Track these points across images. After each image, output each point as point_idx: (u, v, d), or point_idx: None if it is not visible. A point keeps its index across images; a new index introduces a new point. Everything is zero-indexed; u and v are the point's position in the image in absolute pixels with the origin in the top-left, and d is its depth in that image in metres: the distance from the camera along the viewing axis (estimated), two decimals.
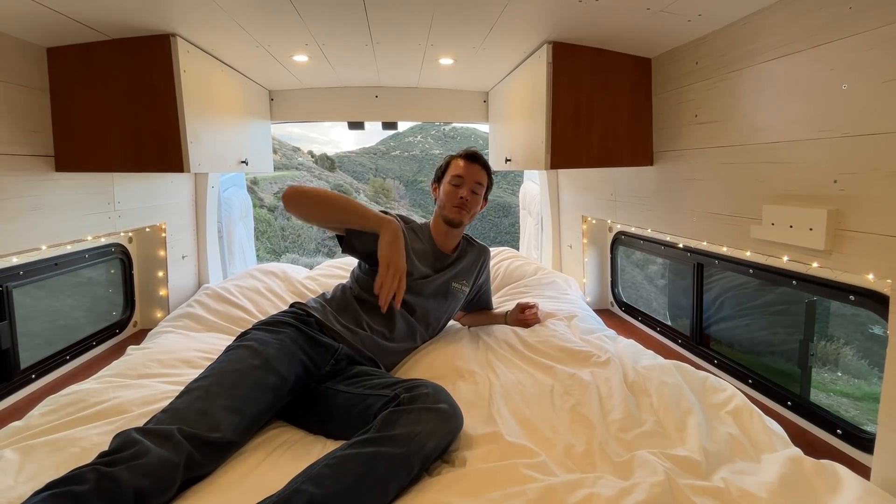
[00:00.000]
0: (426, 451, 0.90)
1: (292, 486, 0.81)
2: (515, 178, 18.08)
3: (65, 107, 1.35)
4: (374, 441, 0.88)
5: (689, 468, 0.90)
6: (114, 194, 1.61)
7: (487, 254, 1.66)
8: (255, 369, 1.06)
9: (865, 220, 0.89)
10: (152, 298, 1.92)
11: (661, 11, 1.16)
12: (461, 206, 1.47)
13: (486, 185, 1.54)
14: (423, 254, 1.48)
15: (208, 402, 0.96)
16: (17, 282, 1.37)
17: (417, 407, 0.95)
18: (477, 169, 1.51)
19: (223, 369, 1.06)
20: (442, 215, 1.52)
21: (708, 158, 1.31)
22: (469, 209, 1.49)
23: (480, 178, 1.51)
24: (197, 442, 0.88)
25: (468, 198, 1.47)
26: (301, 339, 1.19)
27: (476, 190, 1.50)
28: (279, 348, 1.13)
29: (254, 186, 16.39)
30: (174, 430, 0.87)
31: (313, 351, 1.19)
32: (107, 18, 1.21)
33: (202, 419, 0.92)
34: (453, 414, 0.98)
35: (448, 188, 1.50)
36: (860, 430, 1.07)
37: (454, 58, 1.72)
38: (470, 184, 1.49)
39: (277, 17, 1.28)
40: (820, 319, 1.33)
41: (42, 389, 1.41)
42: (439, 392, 1.01)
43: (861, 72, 0.87)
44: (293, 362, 1.13)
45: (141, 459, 0.80)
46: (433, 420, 0.94)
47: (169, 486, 0.82)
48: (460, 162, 1.52)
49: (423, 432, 0.91)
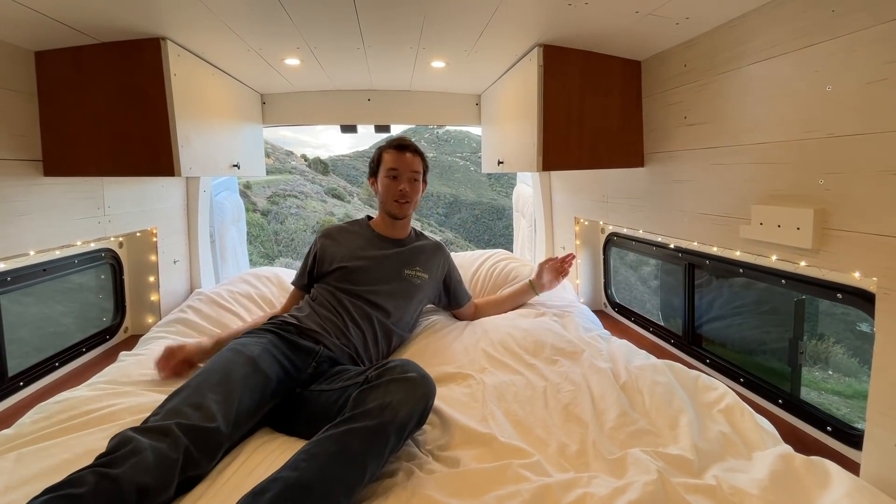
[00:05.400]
0: (399, 419, 0.90)
1: (271, 477, 0.81)
2: (509, 181, 18.14)
3: (53, 111, 1.34)
4: (347, 419, 0.89)
5: (681, 467, 0.91)
6: (104, 199, 1.60)
7: (444, 248, 1.70)
8: (241, 367, 1.08)
9: (851, 218, 0.90)
10: (143, 304, 1.90)
11: (650, 15, 1.17)
12: (402, 200, 1.52)
13: (421, 171, 1.57)
14: (361, 241, 1.55)
15: (200, 397, 0.97)
16: (5, 288, 1.35)
17: (385, 380, 0.96)
18: (409, 157, 1.53)
19: (210, 369, 1.07)
20: (385, 210, 1.57)
21: (697, 160, 1.32)
22: (411, 199, 1.54)
23: (415, 166, 1.54)
24: (194, 435, 0.89)
25: (407, 188, 1.52)
26: (282, 344, 1.22)
27: (414, 178, 1.54)
28: (262, 350, 1.16)
29: (246, 191, 16.33)
30: (172, 425, 0.88)
31: (294, 355, 1.21)
32: (96, 22, 1.21)
33: (197, 412, 0.93)
34: (423, 380, 0.98)
35: (385, 182, 1.54)
36: (850, 426, 1.08)
37: (446, 61, 1.73)
38: (406, 174, 1.52)
39: (269, 20, 1.28)
40: (810, 318, 1.35)
41: (31, 397, 1.39)
42: (406, 363, 1.01)
43: (845, 73, 0.89)
44: (275, 364, 1.15)
45: (139, 456, 0.80)
46: (403, 389, 0.94)
47: (169, 482, 0.82)
48: (393, 154, 1.54)
49: (394, 401, 0.91)
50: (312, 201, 18.55)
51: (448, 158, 28.91)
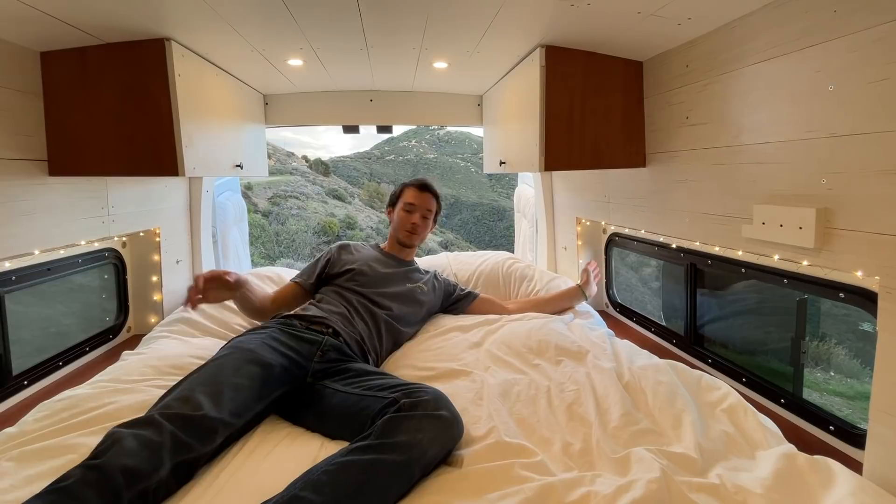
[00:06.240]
0: (427, 458, 0.90)
1: (291, 492, 0.80)
2: (510, 182, 18.13)
3: (58, 111, 1.35)
4: (374, 448, 0.87)
5: (685, 465, 0.91)
6: (108, 199, 1.60)
7: (435, 272, 1.85)
8: (234, 360, 1.10)
9: (853, 218, 0.90)
10: (146, 303, 1.91)
11: (652, 15, 1.18)
12: (412, 231, 1.73)
13: (434, 211, 1.80)
14: (372, 256, 1.71)
15: (188, 392, 0.99)
16: (10, 287, 1.36)
17: (419, 414, 0.94)
18: (428, 197, 1.78)
19: (201, 369, 1.10)
20: (396, 237, 1.78)
21: (699, 160, 1.33)
22: (419, 233, 1.75)
23: (430, 205, 1.77)
24: (180, 422, 0.90)
25: (419, 223, 1.73)
26: (283, 336, 1.25)
27: (426, 215, 1.76)
28: (259, 343, 1.18)
29: (248, 192, 16.35)
30: (155, 414, 0.90)
31: (297, 345, 1.23)
32: (101, 22, 1.21)
33: (184, 404, 0.95)
34: (454, 421, 0.98)
35: (401, 214, 1.76)
36: (852, 426, 1.08)
37: (448, 61, 1.74)
38: (421, 210, 1.75)
39: (272, 21, 1.29)
40: (811, 320, 1.35)
41: (35, 396, 1.39)
42: (440, 399, 1.01)
43: (846, 73, 0.89)
44: (275, 353, 1.17)
45: (121, 444, 0.82)
46: (435, 427, 0.93)
47: (157, 464, 0.82)
48: (413, 191, 1.78)
49: (425, 440, 0.90)
50: (313, 202, 18.57)
51: (449, 159, 28.94)
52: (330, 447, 1.01)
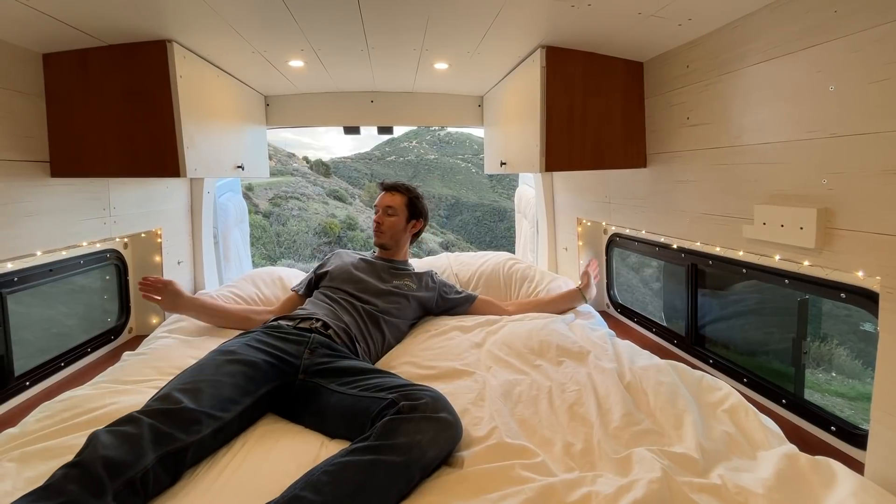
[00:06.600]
0: (426, 459, 0.90)
1: (291, 493, 0.80)
2: (510, 183, 18.14)
3: (60, 112, 1.35)
4: (374, 449, 0.88)
5: (686, 465, 0.91)
6: (109, 200, 1.61)
7: (431, 271, 1.88)
8: (215, 361, 1.14)
9: (854, 218, 0.90)
10: (148, 304, 1.91)
11: (652, 16, 1.18)
12: (376, 230, 1.81)
13: (398, 205, 1.80)
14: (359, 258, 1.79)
15: (168, 391, 1.01)
16: (12, 288, 1.36)
17: (418, 416, 0.95)
18: (386, 196, 1.84)
19: (183, 372, 1.12)
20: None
21: (700, 160, 1.33)
22: (384, 231, 1.79)
23: (389, 201, 1.81)
24: (160, 416, 0.92)
25: (381, 220, 1.80)
26: (267, 338, 1.27)
27: (388, 212, 1.79)
28: (241, 345, 1.21)
29: (248, 192, 16.36)
30: (132, 413, 0.92)
31: (284, 344, 1.25)
32: (103, 24, 1.22)
33: (163, 402, 0.97)
34: (454, 423, 0.98)
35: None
36: (854, 426, 1.08)
37: (449, 62, 1.74)
38: (381, 208, 1.81)
39: (274, 22, 1.29)
40: (812, 320, 1.35)
41: (37, 396, 1.39)
42: (439, 400, 1.01)
43: (847, 73, 0.89)
44: (260, 352, 1.19)
45: (98, 440, 0.84)
46: (434, 429, 0.93)
47: (139, 454, 0.83)
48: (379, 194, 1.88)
49: (424, 441, 0.90)
50: (314, 203, 18.58)
51: (449, 160, 28.95)
52: (331, 447, 1.01)
